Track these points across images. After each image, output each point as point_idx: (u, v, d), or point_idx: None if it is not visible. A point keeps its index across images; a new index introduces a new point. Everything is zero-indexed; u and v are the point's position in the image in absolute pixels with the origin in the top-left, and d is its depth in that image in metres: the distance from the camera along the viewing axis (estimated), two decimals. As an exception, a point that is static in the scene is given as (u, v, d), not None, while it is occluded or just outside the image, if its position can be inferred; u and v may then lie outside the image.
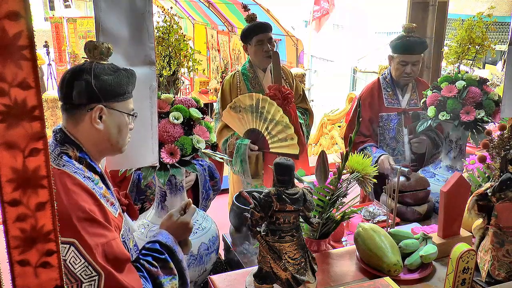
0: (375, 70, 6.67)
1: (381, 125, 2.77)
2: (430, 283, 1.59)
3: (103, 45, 1.26)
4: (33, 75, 0.73)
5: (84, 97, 1.21)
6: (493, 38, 2.73)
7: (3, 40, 0.71)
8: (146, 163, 1.59)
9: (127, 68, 1.31)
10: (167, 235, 1.36)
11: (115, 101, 1.26)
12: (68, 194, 1.13)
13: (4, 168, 0.75)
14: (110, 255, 1.14)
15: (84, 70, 1.21)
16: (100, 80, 1.21)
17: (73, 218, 1.11)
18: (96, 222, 1.15)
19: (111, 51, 1.29)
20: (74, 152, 1.23)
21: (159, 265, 1.27)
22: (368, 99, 2.78)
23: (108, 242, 1.15)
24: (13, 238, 0.77)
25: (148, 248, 1.31)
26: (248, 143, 2.51)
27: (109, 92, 1.23)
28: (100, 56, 1.26)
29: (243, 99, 2.48)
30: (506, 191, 1.53)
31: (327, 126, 5.65)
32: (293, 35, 6.50)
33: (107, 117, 1.25)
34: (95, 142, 1.27)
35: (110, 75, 1.23)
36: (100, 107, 1.23)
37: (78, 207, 1.13)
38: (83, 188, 1.17)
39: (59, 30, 9.93)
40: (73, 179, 1.16)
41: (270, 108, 2.43)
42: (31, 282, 0.80)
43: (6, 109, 0.73)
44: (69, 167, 1.18)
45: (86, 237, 1.11)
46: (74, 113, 1.24)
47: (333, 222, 1.76)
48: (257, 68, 2.78)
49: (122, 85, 1.26)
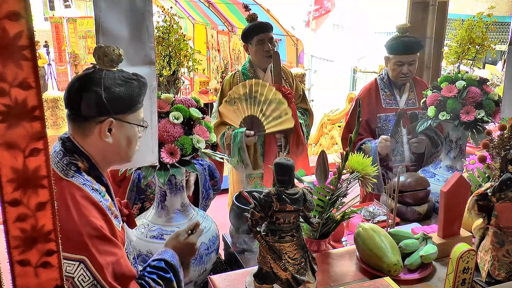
0: (375, 70, 6.67)
1: (379, 126, 2.77)
2: (430, 283, 1.59)
3: (114, 52, 1.19)
4: (33, 75, 0.73)
5: (94, 109, 1.15)
6: (493, 38, 2.73)
7: (3, 40, 0.71)
8: (146, 163, 1.60)
9: (139, 77, 1.24)
10: (173, 254, 1.33)
11: (125, 113, 1.20)
12: (78, 209, 1.10)
13: (4, 168, 0.75)
14: (118, 274, 1.12)
15: (94, 80, 1.15)
16: (111, 93, 1.15)
17: (84, 235, 1.07)
18: (107, 239, 1.12)
19: (122, 58, 1.22)
20: (84, 164, 1.18)
21: (163, 283, 1.25)
22: (366, 100, 2.77)
23: (117, 260, 1.13)
24: (13, 238, 0.77)
25: (153, 266, 1.28)
26: (244, 131, 2.51)
27: (120, 105, 1.18)
28: (111, 63, 1.19)
29: (236, 89, 2.49)
30: (506, 191, 1.53)
31: (327, 126, 5.66)
32: (293, 35, 6.50)
33: (117, 130, 1.20)
34: (103, 154, 1.22)
35: (121, 86, 1.17)
36: (110, 121, 1.18)
37: (89, 224, 1.09)
38: (92, 202, 1.13)
39: (59, 30, 9.94)
40: (82, 191, 1.13)
41: (262, 89, 2.46)
42: (31, 282, 0.80)
43: (7, 109, 0.73)
44: (77, 179, 1.15)
45: (97, 255, 1.08)
46: (82, 125, 1.18)
47: (333, 222, 1.76)
48: (258, 68, 2.78)
49: (133, 96, 1.20)
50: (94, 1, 1.42)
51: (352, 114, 2.83)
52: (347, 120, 2.91)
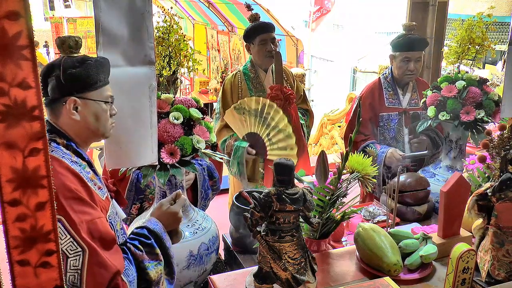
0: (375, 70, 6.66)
1: (382, 125, 2.77)
2: (430, 283, 1.59)
3: (70, 39, 1.31)
4: (33, 75, 0.73)
5: (56, 91, 1.27)
6: (493, 38, 2.73)
7: (3, 40, 0.71)
8: (146, 163, 1.59)
9: (97, 58, 1.34)
10: (155, 222, 1.42)
11: (87, 91, 1.30)
12: (56, 176, 1.17)
13: (4, 168, 0.75)
14: (95, 233, 1.19)
15: (55, 66, 1.27)
16: (69, 74, 1.26)
17: (60, 197, 1.16)
18: (81, 200, 1.20)
19: (80, 43, 1.33)
20: (62, 140, 1.29)
21: (145, 249, 1.32)
22: (369, 99, 2.77)
23: (93, 220, 1.20)
24: (13, 238, 0.77)
25: (135, 233, 1.37)
26: (246, 147, 2.51)
27: (79, 84, 1.28)
28: (69, 50, 1.31)
29: (249, 102, 2.46)
30: (506, 191, 1.53)
31: (327, 126, 5.65)
32: (293, 35, 6.50)
33: (82, 108, 1.30)
34: (76, 131, 1.32)
35: (77, 67, 1.27)
36: (73, 99, 1.28)
37: (64, 187, 1.18)
38: (69, 171, 1.23)
39: (59, 30, 9.93)
40: (61, 163, 1.23)
41: (275, 115, 2.43)
42: (31, 282, 0.80)
43: (6, 109, 0.73)
44: (57, 152, 1.25)
45: (72, 214, 1.16)
46: (53, 107, 1.30)
47: (333, 222, 1.76)
48: (259, 68, 2.78)
49: (91, 75, 1.29)
50: (94, 1, 1.42)
51: (354, 113, 2.83)
52: (349, 119, 2.91)
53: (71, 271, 1.14)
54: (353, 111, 2.87)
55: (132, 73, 1.46)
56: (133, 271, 1.26)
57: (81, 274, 1.15)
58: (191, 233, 1.81)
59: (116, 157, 1.54)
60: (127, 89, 1.48)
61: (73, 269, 1.14)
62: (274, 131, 2.44)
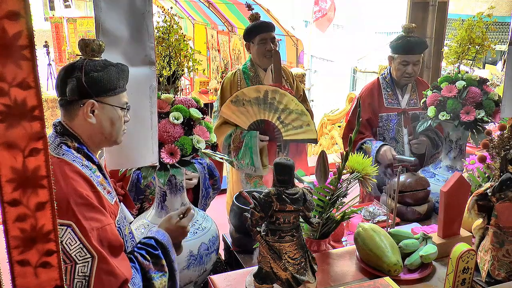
0: (375, 70, 6.67)
1: (381, 125, 2.77)
2: (430, 283, 1.59)
3: (94, 42, 1.30)
4: (33, 75, 0.73)
5: (76, 93, 1.26)
6: (493, 38, 2.73)
7: (3, 40, 0.71)
8: (146, 163, 1.59)
9: (119, 63, 1.34)
10: (163, 234, 1.43)
11: (106, 96, 1.30)
12: (67, 180, 1.19)
13: (4, 168, 0.75)
14: (104, 240, 1.20)
15: (76, 67, 1.27)
16: (90, 77, 1.25)
17: (71, 202, 1.16)
18: (92, 207, 1.20)
19: (103, 48, 1.33)
20: (73, 143, 1.29)
21: (151, 260, 1.33)
22: (368, 99, 2.77)
23: (103, 227, 1.20)
24: (13, 238, 0.77)
25: (143, 243, 1.37)
26: (257, 134, 2.53)
27: (99, 87, 1.28)
28: (92, 53, 1.30)
29: (247, 92, 2.48)
30: (506, 191, 1.53)
31: (327, 126, 5.66)
32: (293, 35, 6.50)
33: (99, 111, 1.30)
34: (90, 135, 1.32)
35: (100, 71, 1.27)
36: (92, 102, 1.28)
37: (75, 192, 1.18)
38: (80, 175, 1.23)
39: (59, 30, 9.94)
40: (72, 167, 1.23)
41: (281, 98, 2.48)
42: (31, 282, 0.80)
43: (6, 109, 0.73)
44: (68, 156, 1.25)
45: (83, 220, 1.16)
46: (69, 108, 1.29)
47: (333, 222, 1.76)
48: (258, 67, 2.78)
49: (112, 80, 1.29)
50: (94, 1, 1.42)
51: (353, 113, 2.83)
52: (348, 119, 2.91)
53: (79, 277, 1.15)
54: (352, 111, 2.87)
55: (133, 74, 1.46)
56: (140, 280, 1.27)
57: (89, 281, 1.15)
58: (191, 233, 1.81)
59: (116, 157, 1.54)
60: (127, 89, 1.48)
61: (81, 275, 1.15)
62: (285, 113, 2.50)
